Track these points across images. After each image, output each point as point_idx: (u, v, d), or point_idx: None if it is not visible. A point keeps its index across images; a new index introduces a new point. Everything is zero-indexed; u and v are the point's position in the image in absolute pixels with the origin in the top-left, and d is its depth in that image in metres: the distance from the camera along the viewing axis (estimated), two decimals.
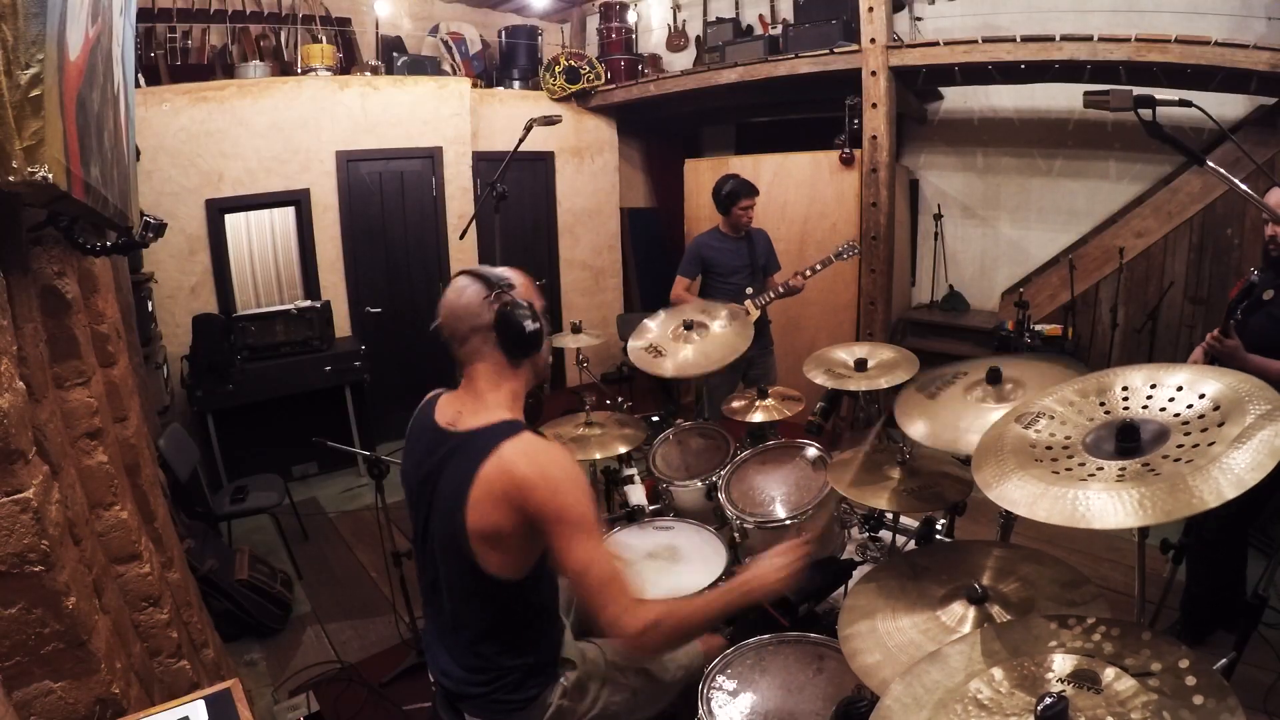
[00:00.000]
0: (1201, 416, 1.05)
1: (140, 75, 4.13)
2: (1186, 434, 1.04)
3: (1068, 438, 1.15)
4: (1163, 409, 1.11)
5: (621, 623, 1.20)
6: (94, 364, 1.67)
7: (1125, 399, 1.16)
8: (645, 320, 2.84)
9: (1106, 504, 0.96)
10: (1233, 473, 0.90)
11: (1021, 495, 1.05)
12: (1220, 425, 1.01)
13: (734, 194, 3.48)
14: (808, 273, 3.48)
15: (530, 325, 1.33)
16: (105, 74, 1.39)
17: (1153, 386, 1.15)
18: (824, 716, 1.41)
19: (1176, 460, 0.99)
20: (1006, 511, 1.96)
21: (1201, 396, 1.08)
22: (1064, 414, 1.20)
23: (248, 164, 4.32)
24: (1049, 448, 1.15)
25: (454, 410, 1.37)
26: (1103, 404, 1.18)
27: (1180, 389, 1.11)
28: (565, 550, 1.22)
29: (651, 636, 1.21)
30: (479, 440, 1.28)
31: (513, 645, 1.37)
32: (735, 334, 2.73)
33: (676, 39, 6.02)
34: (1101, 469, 1.05)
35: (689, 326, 2.73)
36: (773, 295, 3.53)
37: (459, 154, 5.02)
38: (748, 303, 3.51)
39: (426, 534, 1.38)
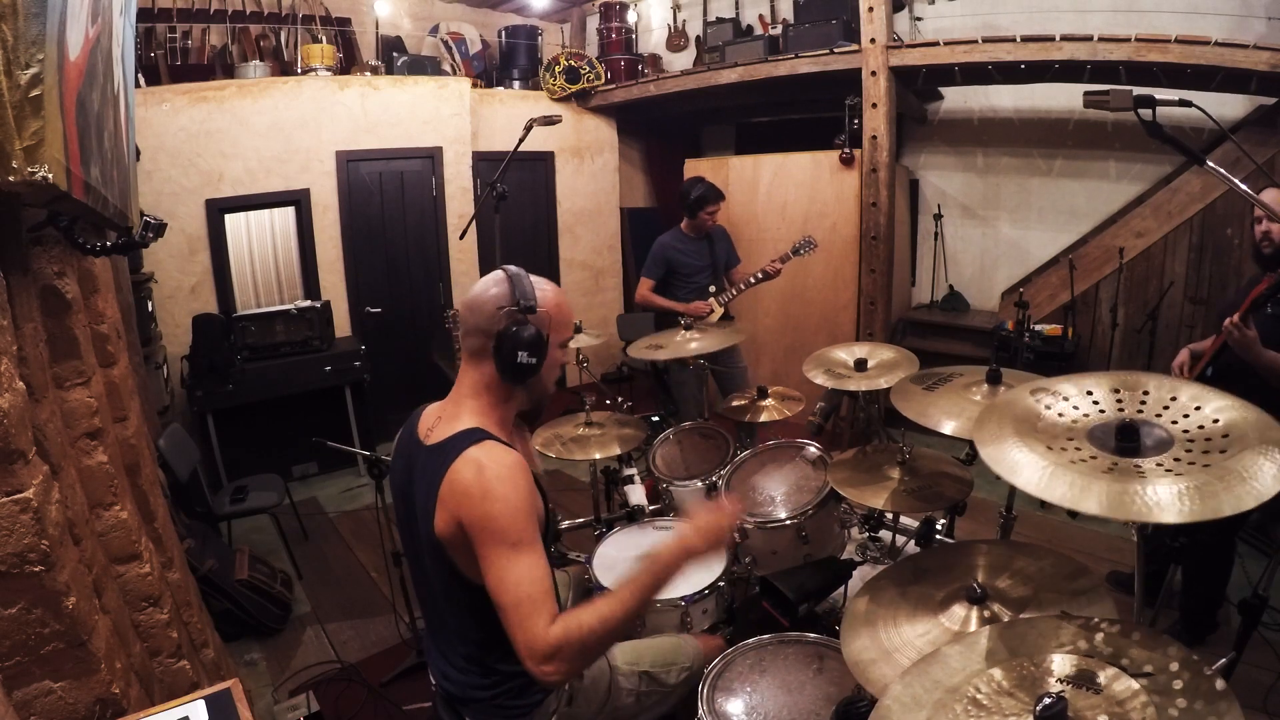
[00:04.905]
0: (1209, 439, 1.05)
1: (140, 75, 4.12)
2: (1187, 449, 1.04)
3: (1074, 422, 1.16)
4: (1175, 421, 1.11)
5: (530, 648, 1.12)
6: (94, 364, 1.67)
7: (1143, 401, 1.16)
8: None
9: (1078, 487, 0.98)
10: (1200, 501, 0.91)
11: (1008, 459, 1.09)
12: (1222, 453, 1.00)
13: (703, 199, 3.54)
14: (779, 263, 3.54)
15: (525, 358, 1.27)
16: (105, 74, 1.39)
17: (1172, 398, 1.15)
18: (824, 716, 1.42)
19: (1167, 471, 1.00)
20: (1007, 511, 1.97)
21: (1216, 421, 1.07)
22: (1078, 399, 1.21)
23: (248, 164, 4.32)
24: (1053, 424, 1.17)
25: (434, 419, 1.36)
26: (1119, 401, 1.18)
27: (1198, 408, 1.11)
28: (484, 563, 1.17)
29: (559, 660, 1.12)
30: (443, 451, 1.26)
31: (510, 653, 1.35)
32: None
33: (676, 39, 6.02)
34: (1095, 458, 1.06)
35: (688, 328, 2.86)
36: (734, 293, 3.62)
37: (459, 154, 5.02)
38: (711, 300, 3.60)
39: (414, 543, 1.37)
